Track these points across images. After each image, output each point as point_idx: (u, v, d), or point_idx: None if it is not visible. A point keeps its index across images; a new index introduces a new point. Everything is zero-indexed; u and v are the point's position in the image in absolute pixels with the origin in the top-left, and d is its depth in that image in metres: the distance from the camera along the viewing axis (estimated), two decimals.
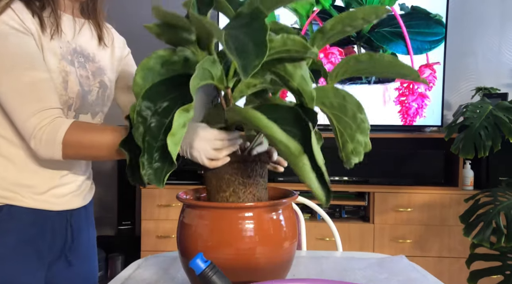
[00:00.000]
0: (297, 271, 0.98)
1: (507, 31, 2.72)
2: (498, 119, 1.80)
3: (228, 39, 0.56)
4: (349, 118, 0.72)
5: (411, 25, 2.51)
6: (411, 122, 2.53)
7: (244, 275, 0.70)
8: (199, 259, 0.48)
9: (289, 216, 0.77)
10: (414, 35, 2.52)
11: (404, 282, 0.90)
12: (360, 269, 0.99)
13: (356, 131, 0.72)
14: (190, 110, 0.61)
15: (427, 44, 2.53)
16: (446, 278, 2.34)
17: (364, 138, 0.73)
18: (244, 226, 0.71)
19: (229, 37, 0.56)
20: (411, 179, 2.44)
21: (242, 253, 0.71)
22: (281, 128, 0.61)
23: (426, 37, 2.52)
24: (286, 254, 0.74)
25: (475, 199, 1.80)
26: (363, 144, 0.73)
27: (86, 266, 1.08)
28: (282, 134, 0.60)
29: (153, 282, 0.91)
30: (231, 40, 0.56)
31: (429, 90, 2.53)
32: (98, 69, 1.02)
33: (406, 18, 2.51)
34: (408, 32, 2.51)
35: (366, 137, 0.73)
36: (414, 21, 2.51)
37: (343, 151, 0.75)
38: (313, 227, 2.37)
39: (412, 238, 2.37)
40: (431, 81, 2.54)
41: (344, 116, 0.72)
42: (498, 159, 2.34)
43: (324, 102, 0.72)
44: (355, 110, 0.71)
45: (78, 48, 0.97)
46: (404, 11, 2.51)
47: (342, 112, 0.72)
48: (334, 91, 0.72)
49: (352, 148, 0.73)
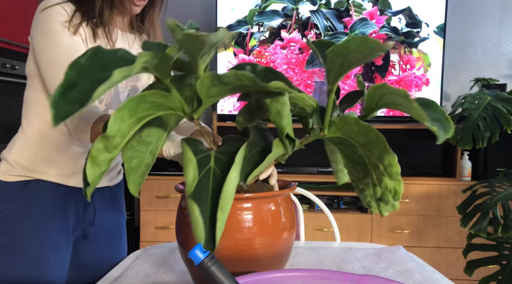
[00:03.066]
0: (295, 261, 0.99)
1: (506, 22, 2.71)
2: (496, 110, 1.80)
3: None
4: (375, 159, 0.62)
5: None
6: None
7: (242, 265, 0.71)
8: (197, 249, 0.48)
9: (288, 207, 0.77)
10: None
11: (401, 272, 0.91)
12: (358, 259, 1.00)
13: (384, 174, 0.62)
14: (109, 137, 0.59)
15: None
16: (443, 268, 2.36)
17: (394, 184, 0.62)
18: (243, 216, 0.71)
19: None
20: (409, 170, 2.44)
21: (241, 243, 0.71)
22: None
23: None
24: (284, 244, 0.74)
25: (472, 190, 1.81)
26: (392, 192, 0.62)
27: (110, 246, 1.15)
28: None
29: (152, 273, 0.91)
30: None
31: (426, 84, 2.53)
32: (133, 75, 1.06)
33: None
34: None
35: (396, 183, 0.62)
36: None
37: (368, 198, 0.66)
38: (311, 218, 2.38)
39: (410, 229, 2.38)
40: (419, 83, 2.53)
41: (371, 155, 0.62)
42: (496, 150, 2.35)
43: (351, 137, 0.64)
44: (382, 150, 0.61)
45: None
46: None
47: (368, 150, 0.62)
48: (357, 123, 0.62)
49: (381, 194, 0.64)
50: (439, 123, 0.53)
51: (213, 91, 0.63)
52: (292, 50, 2.59)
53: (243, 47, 2.61)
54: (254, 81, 0.57)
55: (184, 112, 0.65)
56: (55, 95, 0.48)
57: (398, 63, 2.56)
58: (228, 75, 0.59)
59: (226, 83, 0.61)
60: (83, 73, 0.52)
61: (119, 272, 0.92)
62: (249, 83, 0.59)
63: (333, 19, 2.57)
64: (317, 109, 0.70)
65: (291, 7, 2.58)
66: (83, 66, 0.53)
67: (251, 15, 2.59)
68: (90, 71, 0.53)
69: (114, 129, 0.56)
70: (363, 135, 0.61)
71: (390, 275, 0.89)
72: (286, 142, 0.66)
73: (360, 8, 2.56)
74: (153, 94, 0.59)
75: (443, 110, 0.55)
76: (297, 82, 2.58)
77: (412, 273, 0.90)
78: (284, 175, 2.46)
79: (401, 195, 0.61)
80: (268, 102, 0.65)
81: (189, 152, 0.60)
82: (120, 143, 0.58)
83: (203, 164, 0.61)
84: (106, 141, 0.57)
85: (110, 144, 0.57)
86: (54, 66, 0.92)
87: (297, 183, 2.53)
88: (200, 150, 0.64)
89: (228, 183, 0.58)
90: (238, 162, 0.60)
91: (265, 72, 0.64)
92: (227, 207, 0.57)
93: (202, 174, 0.60)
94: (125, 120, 0.57)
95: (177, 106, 0.63)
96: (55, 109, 0.48)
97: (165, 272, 0.91)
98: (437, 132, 0.51)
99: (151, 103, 0.59)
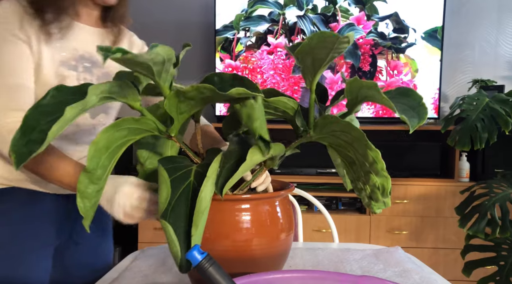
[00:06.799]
0: (293, 262, 0.99)
1: (504, 23, 2.72)
2: (494, 111, 1.80)
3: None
4: (361, 156, 0.61)
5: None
6: None
7: (240, 266, 0.71)
8: (195, 251, 0.48)
9: (286, 208, 0.77)
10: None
11: (399, 273, 0.91)
12: (356, 260, 1.00)
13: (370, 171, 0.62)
14: (91, 171, 0.60)
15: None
16: (441, 269, 2.36)
17: (381, 181, 0.62)
18: (241, 218, 0.71)
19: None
20: (407, 171, 2.45)
21: (239, 244, 0.71)
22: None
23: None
24: (282, 245, 0.74)
25: (470, 191, 1.81)
26: (380, 188, 0.62)
27: (95, 249, 1.14)
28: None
29: (150, 273, 0.91)
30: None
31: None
32: (105, 74, 1.04)
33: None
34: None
35: (383, 180, 0.62)
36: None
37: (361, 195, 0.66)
38: (310, 219, 2.38)
39: (408, 230, 2.39)
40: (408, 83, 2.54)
41: (357, 153, 0.62)
42: (494, 151, 2.36)
43: (336, 135, 0.64)
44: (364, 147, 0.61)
45: (86, 54, 1.01)
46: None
47: (353, 147, 0.62)
48: (336, 121, 0.62)
49: (370, 192, 0.64)
50: (415, 111, 0.54)
51: (183, 107, 0.64)
52: (279, 56, 2.58)
53: (229, 52, 2.61)
54: (215, 91, 0.58)
55: (160, 132, 0.66)
56: (14, 139, 0.50)
57: (385, 68, 2.56)
58: (190, 90, 0.60)
59: (191, 97, 0.62)
60: (44, 114, 0.54)
61: (116, 274, 0.92)
62: (211, 94, 0.60)
63: (320, 25, 2.57)
64: (298, 110, 0.71)
65: (277, 12, 2.58)
66: (44, 107, 0.55)
67: (237, 20, 2.58)
68: (51, 111, 0.54)
69: (94, 163, 0.58)
70: (346, 133, 0.62)
71: (388, 276, 0.90)
72: (261, 145, 0.66)
73: (347, 13, 2.56)
74: (126, 121, 0.60)
75: (420, 97, 0.56)
76: (284, 88, 2.58)
77: (410, 274, 0.90)
78: (283, 176, 2.46)
79: (390, 191, 0.61)
80: (238, 107, 0.66)
81: (163, 172, 0.61)
82: (104, 174, 0.60)
83: (182, 181, 0.63)
84: (89, 175, 0.59)
85: (94, 177, 0.59)
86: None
87: (295, 184, 2.53)
88: (181, 166, 0.65)
89: (201, 197, 0.59)
90: (210, 175, 0.62)
91: (231, 79, 0.64)
92: (201, 221, 0.59)
93: (180, 191, 0.61)
94: (103, 152, 0.59)
95: (152, 127, 0.65)
96: (15, 153, 0.50)
97: (163, 273, 0.91)
98: (407, 121, 0.51)
99: (127, 129, 0.61)
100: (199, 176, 0.64)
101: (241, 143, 0.73)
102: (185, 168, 0.65)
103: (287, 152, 0.74)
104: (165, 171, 0.60)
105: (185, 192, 0.61)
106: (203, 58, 2.80)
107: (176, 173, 0.63)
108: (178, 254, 0.57)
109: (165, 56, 0.55)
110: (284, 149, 0.73)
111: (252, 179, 0.75)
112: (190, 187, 0.62)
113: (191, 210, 0.60)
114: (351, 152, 0.64)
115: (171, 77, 0.62)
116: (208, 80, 0.65)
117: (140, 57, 0.52)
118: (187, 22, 2.81)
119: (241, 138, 0.75)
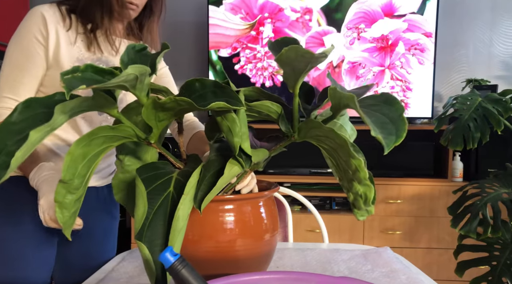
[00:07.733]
0: (281, 263, 0.98)
1: (498, 23, 2.72)
2: (487, 111, 1.80)
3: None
4: (344, 163, 0.60)
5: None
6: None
7: (224, 267, 0.70)
8: (168, 252, 0.47)
9: (270, 209, 0.76)
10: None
11: (387, 273, 0.91)
12: (344, 260, 1.00)
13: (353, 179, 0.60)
14: (67, 182, 0.58)
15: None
16: (434, 269, 2.36)
17: (364, 189, 0.60)
18: (224, 218, 0.71)
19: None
20: (401, 171, 2.45)
21: (223, 245, 0.70)
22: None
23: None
24: (266, 246, 0.74)
25: (463, 191, 1.81)
26: (363, 197, 0.60)
27: (97, 247, 1.15)
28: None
29: (135, 275, 0.90)
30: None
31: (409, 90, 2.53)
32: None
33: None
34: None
35: (366, 189, 0.60)
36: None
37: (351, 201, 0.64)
38: (304, 219, 2.38)
39: (402, 230, 2.38)
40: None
41: (341, 159, 0.60)
42: (488, 151, 2.36)
43: (320, 140, 0.62)
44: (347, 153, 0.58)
45: (104, 58, 1.04)
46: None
47: (337, 154, 0.61)
48: (319, 127, 0.61)
49: (353, 199, 0.63)
50: (394, 124, 0.51)
51: (162, 115, 0.63)
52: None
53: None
54: (193, 104, 0.58)
55: (138, 138, 0.65)
56: None
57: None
58: (168, 101, 0.59)
59: (169, 108, 0.61)
60: (11, 133, 0.51)
61: (103, 275, 0.91)
62: (189, 106, 0.59)
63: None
64: (282, 115, 0.70)
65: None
66: (13, 125, 0.52)
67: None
68: (19, 129, 0.52)
69: (70, 174, 0.56)
70: (330, 139, 0.60)
71: (375, 276, 0.89)
72: (241, 160, 0.65)
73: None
74: (102, 129, 0.59)
75: (402, 109, 0.53)
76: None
77: (397, 274, 0.89)
78: (276, 176, 2.46)
79: (373, 200, 0.59)
80: (219, 120, 0.65)
81: (140, 185, 0.59)
82: (82, 182, 0.59)
83: (160, 192, 0.61)
84: (66, 185, 0.57)
85: (71, 187, 0.58)
86: (10, 65, 0.95)
87: (289, 184, 2.52)
88: (161, 174, 0.63)
89: (178, 216, 0.58)
90: (187, 192, 0.60)
91: (213, 87, 0.63)
92: (178, 240, 0.57)
93: (158, 204, 0.60)
94: (79, 161, 0.57)
95: (131, 134, 0.63)
96: None
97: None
98: (382, 141, 0.48)
99: (103, 137, 0.60)
100: (179, 186, 0.63)
101: (222, 149, 0.72)
102: (166, 176, 0.63)
103: (272, 153, 0.74)
104: (142, 183, 0.59)
105: (164, 204, 0.60)
106: (197, 54, 2.80)
107: (155, 182, 0.61)
108: (153, 276, 0.56)
109: (137, 73, 0.54)
110: (268, 153, 0.73)
111: (237, 181, 0.74)
112: (169, 199, 0.61)
113: (169, 225, 0.59)
114: (335, 158, 0.63)
115: (147, 87, 0.61)
116: (189, 86, 0.63)
117: (109, 83, 0.51)
118: (181, 22, 2.81)
119: (221, 145, 0.74)
